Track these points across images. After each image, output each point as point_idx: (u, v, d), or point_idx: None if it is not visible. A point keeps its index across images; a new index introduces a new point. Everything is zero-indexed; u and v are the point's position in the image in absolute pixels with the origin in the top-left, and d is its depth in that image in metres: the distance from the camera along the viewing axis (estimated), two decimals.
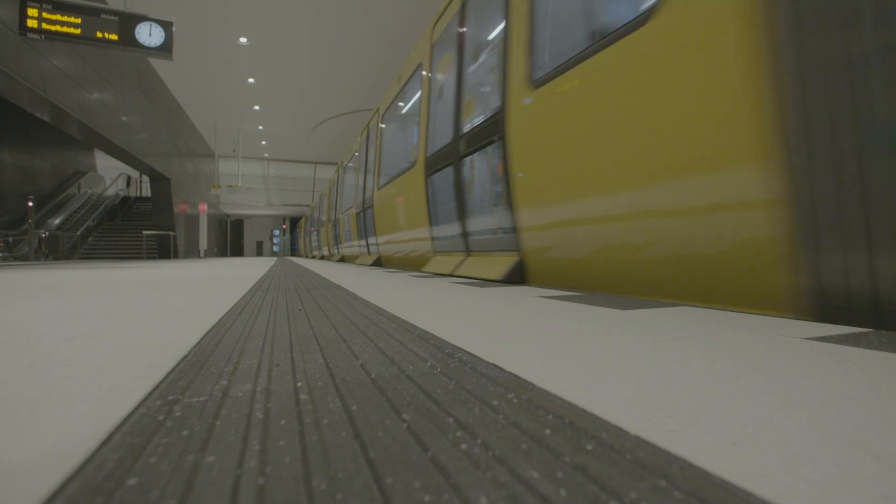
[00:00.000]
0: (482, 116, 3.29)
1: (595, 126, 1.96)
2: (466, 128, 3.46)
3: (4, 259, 11.28)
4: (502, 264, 2.87)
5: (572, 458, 0.42)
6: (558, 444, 0.45)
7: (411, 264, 5.29)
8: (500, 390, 0.63)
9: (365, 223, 7.28)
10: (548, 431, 0.48)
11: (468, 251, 3.61)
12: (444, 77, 4.27)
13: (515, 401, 0.58)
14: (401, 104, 6.12)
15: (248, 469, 0.41)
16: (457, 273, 3.49)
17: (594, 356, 0.81)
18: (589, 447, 0.44)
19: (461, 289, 2.26)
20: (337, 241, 10.95)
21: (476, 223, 3.48)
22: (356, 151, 8.65)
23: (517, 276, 2.72)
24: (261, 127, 18.98)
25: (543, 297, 1.82)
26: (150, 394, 0.63)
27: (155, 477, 0.39)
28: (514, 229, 2.77)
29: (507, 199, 2.78)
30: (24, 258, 11.40)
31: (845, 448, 0.43)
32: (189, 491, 0.37)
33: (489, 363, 0.77)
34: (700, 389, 0.61)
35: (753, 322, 1.13)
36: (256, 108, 16.54)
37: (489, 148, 3.13)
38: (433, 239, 4.35)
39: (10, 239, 11.90)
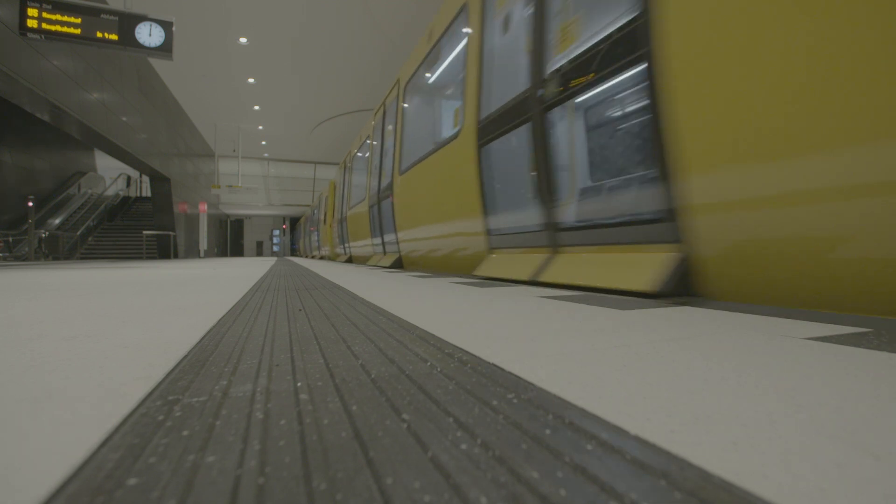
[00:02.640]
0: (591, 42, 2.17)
1: None
2: (559, 63, 2.38)
3: (4, 259, 11.28)
4: (648, 266, 1.81)
5: (572, 458, 0.42)
6: (558, 444, 0.45)
7: (453, 266, 4.00)
8: (500, 390, 0.63)
9: (381, 217, 6.07)
10: (548, 431, 0.48)
11: (555, 246, 2.51)
12: (512, 5, 3.15)
13: (515, 401, 0.58)
14: (433, 66, 4.88)
15: (248, 469, 0.41)
16: (544, 279, 2.34)
17: (594, 356, 0.81)
18: (589, 447, 0.44)
19: (461, 289, 2.26)
20: (343, 239, 9.81)
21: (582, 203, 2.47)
22: (367, 138, 7.62)
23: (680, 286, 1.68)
24: (261, 127, 18.97)
25: (543, 297, 1.82)
26: (150, 394, 0.63)
27: (155, 477, 0.39)
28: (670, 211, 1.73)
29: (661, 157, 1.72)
30: (24, 258, 11.40)
31: (845, 448, 0.43)
32: (189, 491, 0.37)
33: (489, 363, 0.77)
34: (700, 389, 0.61)
35: (753, 322, 1.13)
36: (256, 108, 16.54)
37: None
38: (489, 232, 3.21)
39: (10, 239, 11.90)
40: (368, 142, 7.52)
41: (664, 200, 1.76)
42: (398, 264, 5.60)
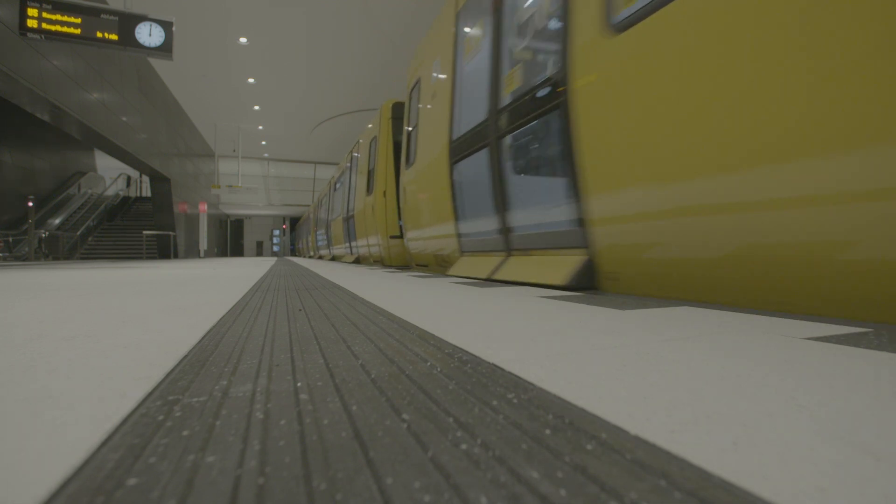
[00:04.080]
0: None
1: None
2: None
3: (4, 259, 11.28)
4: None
5: (572, 458, 0.42)
6: (558, 444, 0.45)
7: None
8: (500, 390, 0.63)
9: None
10: (548, 431, 0.48)
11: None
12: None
13: (515, 401, 0.58)
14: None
15: (248, 469, 0.41)
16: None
17: (594, 356, 0.81)
18: (589, 447, 0.44)
19: (461, 289, 2.26)
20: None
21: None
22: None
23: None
24: (261, 127, 18.98)
25: (543, 297, 1.82)
26: (151, 394, 0.63)
27: (155, 477, 0.39)
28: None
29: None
30: (23, 258, 11.40)
31: (845, 448, 0.43)
32: (189, 491, 0.37)
33: (489, 363, 0.77)
34: (700, 389, 0.61)
35: (753, 322, 1.13)
36: (256, 108, 16.54)
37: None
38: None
39: (10, 239, 11.90)
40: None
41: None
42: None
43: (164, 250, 14.01)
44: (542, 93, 2.52)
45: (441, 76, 4.14)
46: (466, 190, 3.68)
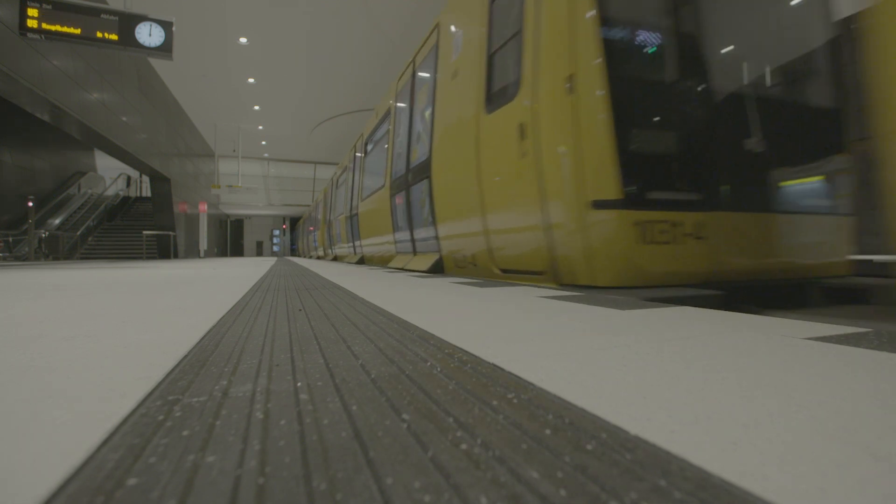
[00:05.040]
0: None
1: None
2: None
3: (4, 259, 11.28)
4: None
5: (572, 458, 0.42)
6: (558, 444, 0.45)
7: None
8: (500, 390, 0.63)
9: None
10: (548, 431, 0.48)
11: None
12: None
13: (515, 401, 0.58)
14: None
15: (248, 469, 0.41)
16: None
17: (594, 356, 0.81)
18: (589, 447, 0.44)
19: (461, 288, 2.26)
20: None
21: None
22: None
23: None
24: (261, 127, 18.97)
25: (543, 297, 1.81)
26: (151, 394, 0.63)
27: (155, 477, 0.39)
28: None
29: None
30: (23, 258, 11.40)
31: (845, 448, 0.43)
32: (189, 491, 0.37)
33: (489, 363, 0.77)
34: (700, 389, 0.61)
35: (753, 322, 1.13)
36: (256, 108, 16.54)
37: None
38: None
39: (10, 239, 11.90)
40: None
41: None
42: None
43: (164, 250, 14.00)
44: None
45: None
46: None
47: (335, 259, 11.06)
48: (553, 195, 2.30)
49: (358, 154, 8.19)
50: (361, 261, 7.78)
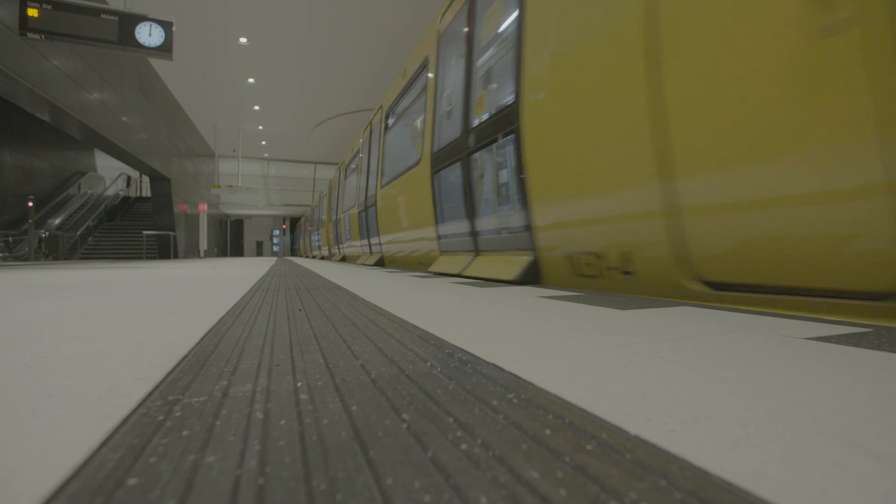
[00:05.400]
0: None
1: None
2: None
3: (4, 259, 11.28)
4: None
5: (572, 458, 0.42)
6: (558, 444, 0.45)
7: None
8: (500, 390, 0.63)
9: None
10: (548, 431, 0.48)
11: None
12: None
13: (515, 401, 0.58)
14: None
15: (248, 469, 0.41)
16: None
17: (594, 356, 0.81)
18: (589, 447, 0.44)
19: (461, 289, 2.26)
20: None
21: None
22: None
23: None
24: (261, 127, 18.98)
25: (543, 297, 1.81)
26: (151, 394, 0.63)
27: (155, 477, 0.39)
28: None
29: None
30: (23, 258, 11.40)
31: (845, 448, 0.43)
32: (189, 491, 0.37)
33: (489, 363, 0.77)
34: (700, 389, 0.61)
35: (753, 322, 1.13)
36: (256, 108, 16.55)
37: None
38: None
39: (10, 239, 11.90)
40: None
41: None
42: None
43: (164, 250, 14.00)
44: None
45: None
46: None
47: (343, 260, 9.63)
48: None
49: (375, 133, 6.69)
50: (381, 262, 6.33)
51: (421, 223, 4.42)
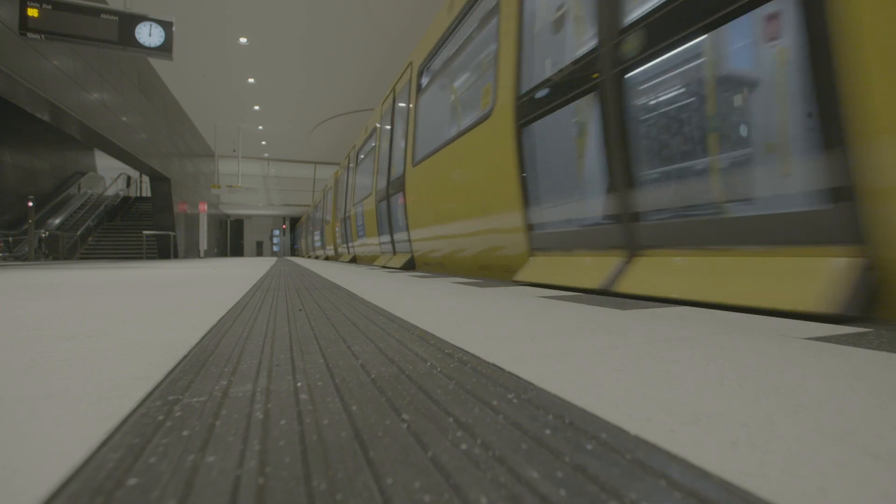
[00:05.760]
0: None
1: None
2: None
3: (4, 259, 11.28)
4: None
5: (572, 458, 0.42)
6: (558, 444, 0.45)
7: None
8: (500, 390, 0.62)
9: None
10: (548, 431, 0.48)
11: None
12: None
13: (515, 401, 0.58)
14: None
15: (248, 469, 0.41)
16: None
17: (594, 356, 0.81)
18: (589, 447, 0.44)
19: (461, 289, 2.26)
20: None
21: None
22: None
23: None
24: (261, 127, 18.97)
25: (543, 296, 1.81)
26: (151, 394, 0.63)
27: (155, 477, 0.39)
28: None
29: None
30: (23, 258, 11.40)
31: (845, 448, 0.43)
32: (189, 491, 0.37)
33: (489, 363, 0.77)
34: (700, 389, 0.61)
35: (753, 322, 1.13)
36: (256, 108, 16.54)
37: None
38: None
39: (10, 239, 11.89)
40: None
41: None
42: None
43: (164, 250, 14.00)
44: None
45: None
46: None
47: (354, 260, 8.39)
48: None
49: (402, 99, 5.39)
50: (410, 264, 4.87)
51: (490, 206, 3.01)
